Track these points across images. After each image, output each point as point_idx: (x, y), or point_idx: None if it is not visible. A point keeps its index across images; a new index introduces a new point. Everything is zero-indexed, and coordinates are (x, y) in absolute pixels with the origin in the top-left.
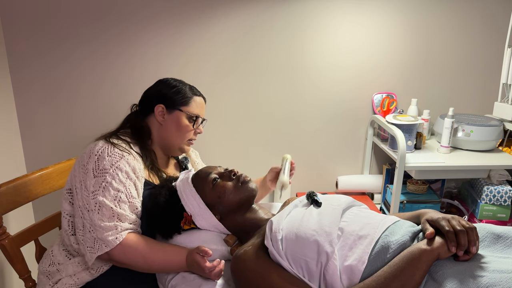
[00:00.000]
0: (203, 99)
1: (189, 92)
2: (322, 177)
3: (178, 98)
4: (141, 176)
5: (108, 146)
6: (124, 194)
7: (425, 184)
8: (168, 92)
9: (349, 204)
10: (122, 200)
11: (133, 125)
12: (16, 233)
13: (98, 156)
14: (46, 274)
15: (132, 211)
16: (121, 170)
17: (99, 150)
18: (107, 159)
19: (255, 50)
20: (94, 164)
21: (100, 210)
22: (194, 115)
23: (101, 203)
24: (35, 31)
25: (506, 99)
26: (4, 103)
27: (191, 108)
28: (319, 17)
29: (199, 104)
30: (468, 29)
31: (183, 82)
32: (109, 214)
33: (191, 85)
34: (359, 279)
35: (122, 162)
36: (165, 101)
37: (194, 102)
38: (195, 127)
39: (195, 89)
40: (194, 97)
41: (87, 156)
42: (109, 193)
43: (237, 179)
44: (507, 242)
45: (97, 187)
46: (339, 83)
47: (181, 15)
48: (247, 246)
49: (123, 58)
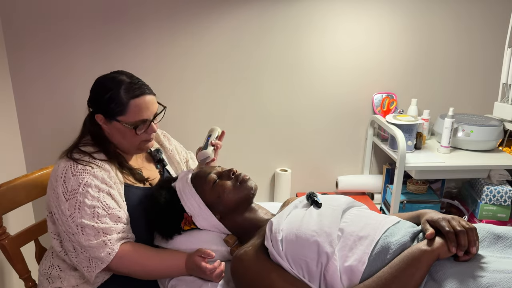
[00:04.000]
0: (149, 94)
1: (125, 96)
2: (322, 177)
3: (113, 107)
4: (115, 182)
5: (71, 165)
6: (101, 208)
7: (425, 184)
8: (102, 101)
9: (349, 205)
10: (100, 215)
11: (91, 133)
12: (16, 233)
13: (64, 178)
14: (47, 277)
15: (116, 221)
16: (90, 186)
17: (63, 171)
18: (73, 179)
19: (255, 50)
20: (62, 188)
21: (83, 231)
22: (134, 124)
23: (81, 225)
24: (35, 32)
25: (506, 99)
26: (4, 103)
27: (129, 117)
28: (319, 17)
29: (141, 107)
30: (468, 29)
31: (120, 82)
32: (94, 232)
33: (131, 82)
34: (359, 279)
35: (89, 177)
36: (102, 111)
37: (133, 108)
38: (139, 133)
39: (136, 86)
40: (131, 102)
41: (54, 179)
42: (85, 213)
43: (236, 178)
44: (507, 242)
45: (72, 210)
46: (339, 83)
47: (181, 15)
48: (247, 247)
49: (123, 59)
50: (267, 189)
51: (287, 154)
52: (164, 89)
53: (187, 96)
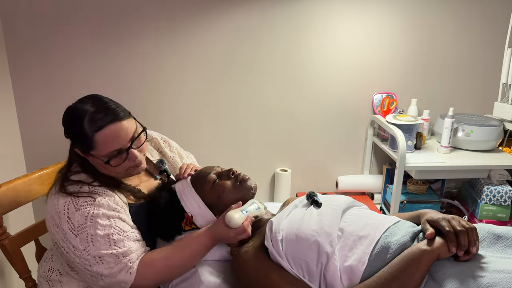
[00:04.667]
0: (114, 121)
1: (89, 130)
2: (322, 177)
3: (82, 144)
4: (122, 206)
5: (72, 200)
6: (116, 233)
7: (425, 184)
8: (71, 136)
9: (349, 205)
10: (117, 240)
11: (80, 163)
12: (16, 233)
13: (68, 214)
14: (46, 279)
15: (134, 241)
16: (98, 217)
17: (65, 207)
18: (78, 214)
19: (255, 50)
20: (68, 224)
21: (103, 261)
22: (107, 157)
23: (99, 255)
24: (35, 32)
25: (506, 99)
26: (4, 103)
27: (99, 150)
28: (319, 17)
29: (108, 138)
30: (468, 29)
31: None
32: (114, 259)
33: (94, 112)
34: (359, 279)
35: (94, 208)
36: (76, 145)
37: (100, 142)
38: (116, 164)
39: (100, 115)
40: (96, 135)
41: (56, 216)
42: (100, 243)
43: (236, 177)
44: (507, 242)
45: (85, 244)
46: (339, 83)
47: (182, 15)
48: (247, 247)
49: (123, 59)
50: (267, 189)
51: (287, 154)
52: (164, 89)
53: (187, 96)
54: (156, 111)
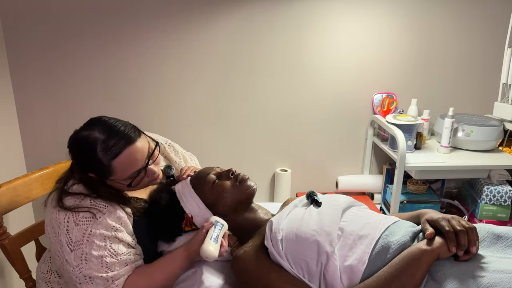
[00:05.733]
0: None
1: (104, 159)
2: (322, 177)
3: (99, 172)
4: (123, 222)
5: (72, 214)
6: (109, 257)
7: (425, 184)
8: (85, 164)
9: (349, 204)
10: (109, 263)
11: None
12: (16, 233)
13: (67, 228)
14: (45, 281)
15: (125, 265)
16: (95, 236)
17: (65, 219)
18: (77, 229)
19: (255, 50)
20: (66, 237)
21: (92, 282)
22: (127, 181)
23: (90, 275)
24: (35, 32)
25: (506, 99)
26: (4, 103)
27: (119, 176)
28: (319, 17)
29: (126, 163)
30: (468, 29)
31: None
32: (103, 282)
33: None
34: (360, 279)
35: (92, 225)
36: (92, 172)
37: (118, 167)
38: (137, 184)
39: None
40: (113, 162)
41: (57, 225)
42: (93, 264)
43: (235, 178)
44: (507, 242)
45: (79, 261)
46: (339, 83)
47: (182, 15)
48: (247, 247)
49: (123, 59)
50: (267, 189)
51: (287, 154)
52: (164, 89)
53: (188, 96)
54: (156, 112)
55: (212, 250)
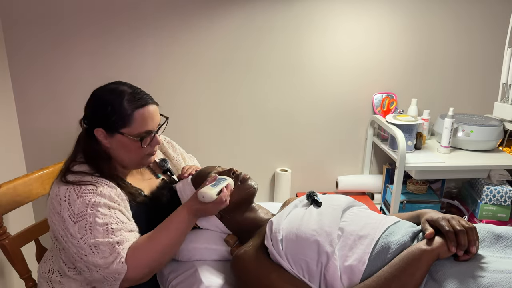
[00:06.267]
0: (152, 103)
1: (128, 107)
2: (322, 177)
3: (116, 120)
4: (122, 199)
5: (73, 187)
6: (114, 223)
7: (425, 184)
8: (104, 113)
9: (349, 204)
10: (115, 229)
11: (86, 151)
12: (16, 233)
13: (69, 201)
14: (47, 280)
15: (130, 232)
16: (99, 205)
17: (66, 194)
18: (79, 201)
19: (255, 50)
20: (68, 211)
21: (98, 250)
22: (139, 136)
23: (95, 244)
24: (35, 32)
25: (506, 99)
26: (4, 103)
27: (134, 129)
28: (319, 17)
29: (146, 117)
30: (468, 29)
31: (122, 92)
32: (109, 248)
33: (133, 92)
34: (360, 279)
35: (96, 197)
36: (103, 124)
37: (138, 119)
38: (145, 145)
39: (139, 96)
40: (135, 112)
41: (57, 203)
42: (98, 232)
43: (237, 177)
44: (507, 242)
45: (83, 232)
46: (339, 83)
47: (182, 15)
48: (247, 246)
49: (123, 58)
50: (267, 189)
51: (287, 154)
52: (164, 89)
53: (187, 96)
54: None
55: (209, 191)
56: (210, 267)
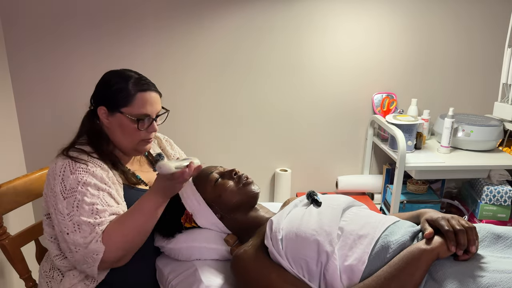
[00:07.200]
0: (155, 91)
1: (132, 88)
2: (322, 177)
3: (119, 98)
4: (113, 182)
5: (69, 163)
6: (100, 205)
7: (425, 184)
8: (109, 92)
9: (349, 204)
10: (100, 211)
11: (88, 131)
12: (16, 233)
13: (62, 177)
14: (47, 280)
15: (112, 215)
16: (89, 185)
17: (61, 169)
18: (72, 178)
19: (255, 50)
20: (61, 186)
21: (80, 229)
22: (137, 117)
23: (78, 222)
24: (35, 32)
25: (506, 99)
26: (4, 103)
27: (134, 109)
28: (319, 17)
29: (146, 100)
30: (468, 29)
31: (129, 76)
32: (90, 228)
33: (139, 77)
34: (359, 279)
35: (88, 176)
36: (106, 103)
37: (139, 100)
38: (142, 128)
39: (144, 82)
40: (138, 94)
41: (52, 178)
42: (84, 210)
43: (239, 178)
44: (507, 242)
45: (70, 208)
46: (339, 83)
47: (182, 15)
48: (247, 246)
49: (123, 59)
50: (267, 189)
51: (287, 154)
52: (164, 89)
53: (188, 96)
54: None
55: (167, 164)
56: (210, 267)
